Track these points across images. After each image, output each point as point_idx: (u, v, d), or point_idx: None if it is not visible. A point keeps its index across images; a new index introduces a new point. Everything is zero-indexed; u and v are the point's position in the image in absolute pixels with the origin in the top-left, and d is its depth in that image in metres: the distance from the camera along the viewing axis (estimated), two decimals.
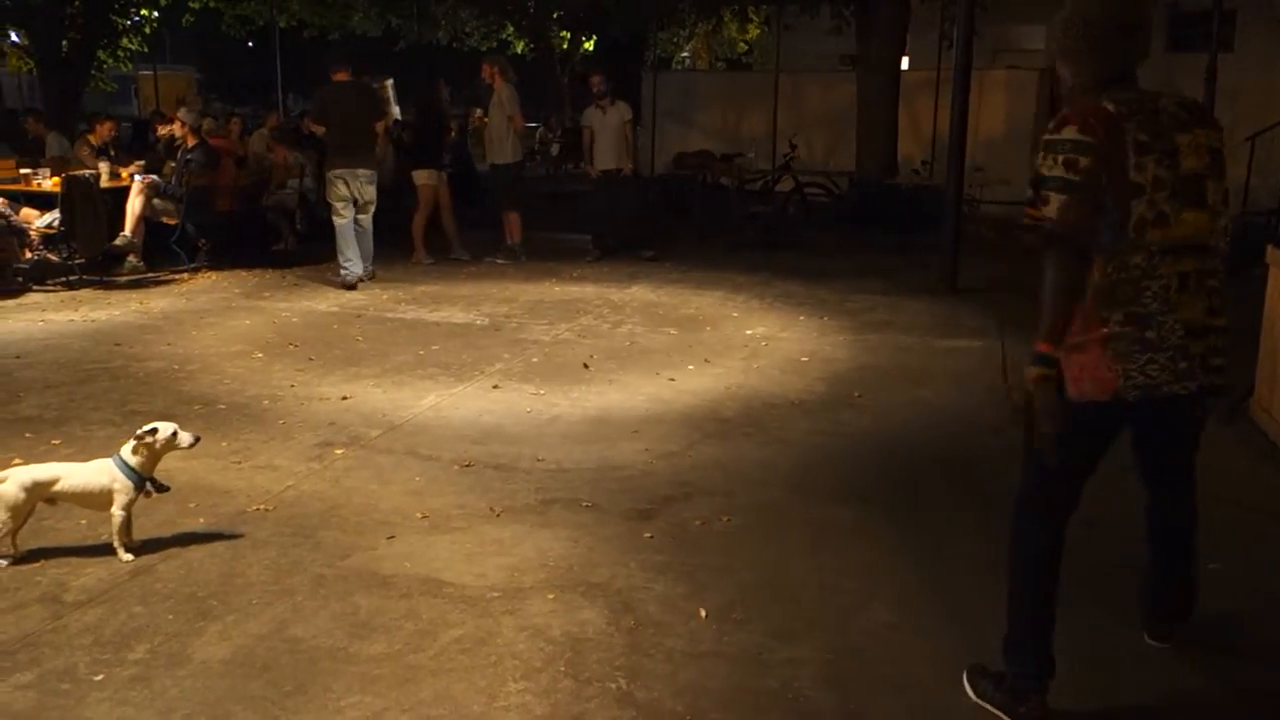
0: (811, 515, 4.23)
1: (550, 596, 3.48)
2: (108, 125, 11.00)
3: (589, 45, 24.68)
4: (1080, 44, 2.78)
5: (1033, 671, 2.84)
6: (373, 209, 9.17)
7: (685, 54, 28.64)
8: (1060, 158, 2.64)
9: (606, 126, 10.31)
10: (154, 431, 3.72)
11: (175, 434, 3.74)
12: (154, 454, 3.74)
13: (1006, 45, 17.51)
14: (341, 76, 9.18)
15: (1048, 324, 2.64)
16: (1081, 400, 2.68)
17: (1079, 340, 2.67)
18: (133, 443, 3.71)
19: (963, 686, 2.98)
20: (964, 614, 3.43)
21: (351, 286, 8.87)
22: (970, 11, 8.69)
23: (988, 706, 2.90)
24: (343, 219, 9.00)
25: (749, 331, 7.45)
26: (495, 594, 3.49)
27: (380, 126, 9.44)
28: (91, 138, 10.65)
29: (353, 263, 8.95)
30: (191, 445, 3.79)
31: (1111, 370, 2.64)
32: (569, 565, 3.72)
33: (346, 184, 8.99)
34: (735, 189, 13.59)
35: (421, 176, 10.24)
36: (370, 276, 9.19)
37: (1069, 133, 2.64)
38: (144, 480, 3.71)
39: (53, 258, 8.89)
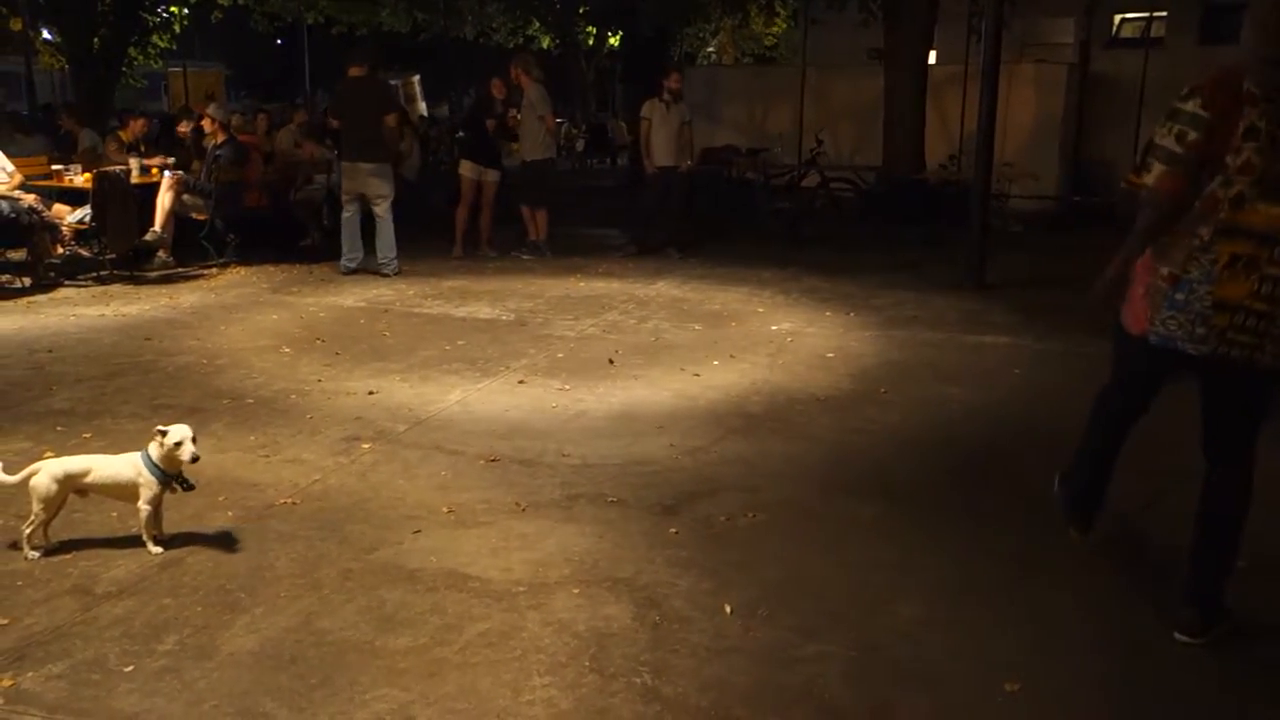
0: (837, 512, 4.21)
1: (575, 591, 3.48)
2: (139, 122, 11.12)
3: (614, 40, 24.66)
4: (1260, 15, 2.90)
5: (1077, 508, 3.58)
6: (384, 203, 9.24)
7: (711, 49, 28.59)
8: (1175, 128, 2.88)
9: (667, 123, 10.32)
10: (164, 433, 3.68)
11: (180, 444, 3.64)
12: (168, 454, 3.68)
13: (1035, 39, 17.38)
14: (356, 72, 9.34)
15: (1122, 256, 3.01)
16: (1128, 331, 3.16)
17: (1136, 280, 3.08)
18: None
19: (989, 686, 2.97)
20: (991, 611, 3.40)
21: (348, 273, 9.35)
22: (999, 5, 8.62)
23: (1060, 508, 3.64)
24: (346, 212, 9.39)
25: (774, 327, 7.43)
26: (520, 589, 3.50)
27: (391, 120, 9.49)
28: (123, 134, 10.74)
29: (347, 257, 9.36)
30: (190, 461, 3.66)
31: (1144, 312, 3.06)
32: (594, 560, 3.72)
33: (350, 177, 9.25)
34: (761, 184, 13.55)
35: (461, 167, 10.51)
36: (394, 271, 9.24)
37: (1192, 105, 2.86)
38: (168, 477, 3.70)
39: (84, 253, 8.98)
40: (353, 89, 9.33)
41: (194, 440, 3.69)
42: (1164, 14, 15.72)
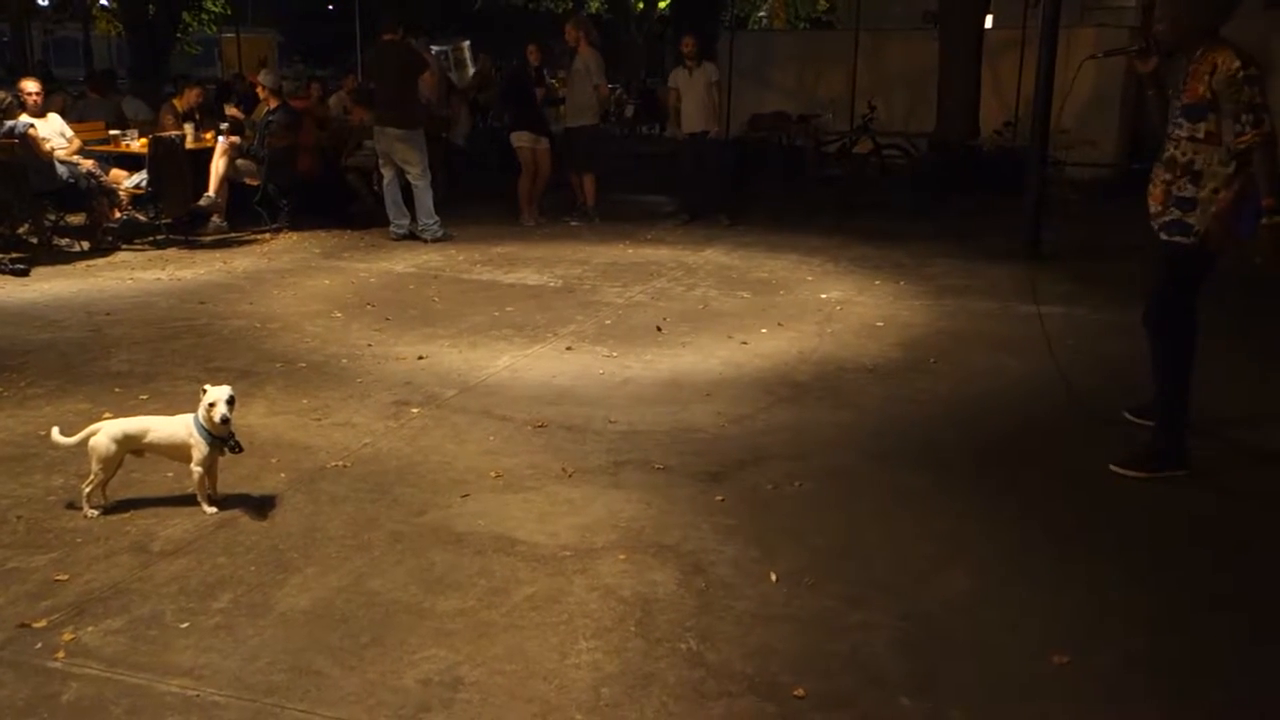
0: (885, 481, 4.19)
1: (621, 557, 3.50)
2: (194, 92, 11.24)
3: (664, 4, 24.46)
4: (1216, 1, 3.97)
5: (1183, 439, 4.22)
6: (414, 169, 9.24)
7: (762, 14, 28.27)
8: (1256, 89, 3.79)
9: (693, 88, 10.17)
10: (205, 391, 3.73)
11: (213, 405, 3.68)
12: (207, 414, 3.70)
13: (1096, 2, 16.95)
14: (389, 37, 9.33)
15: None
16: (1212, 249, 4.02)
17: (1221, 212, 3.93)
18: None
19: (1038, 658, 2.94)
20: (1040, 584, 3.37)
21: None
22: None
23: (1165, 474, 4.13)
24: (385, 178, 9.43)
25: (823, 295, 7.38)
26: (567, 553, 3.52)
27: (428, 78, 9.49)
28: (177, 102, 10.87)
29: (394, 224, 9.41)
30: (219, 421, 3.68)
31: (1236, 230, 3.95)
32: (640, 526, 3.74)
33: (380, 141, 9.31)
34: (812, 150, 13.41)
35: (516, 139, 10.37)
36: (435, 237, 9.25)
37: (1253, 70, 3.80)
38: (216, 439, 3.73)
39: (140, 217, 9.12)
40: (381, 53, 9.41)
41: (230, 401, 3.70)
42: None
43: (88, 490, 3.75)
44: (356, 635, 3.01)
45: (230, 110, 11.37)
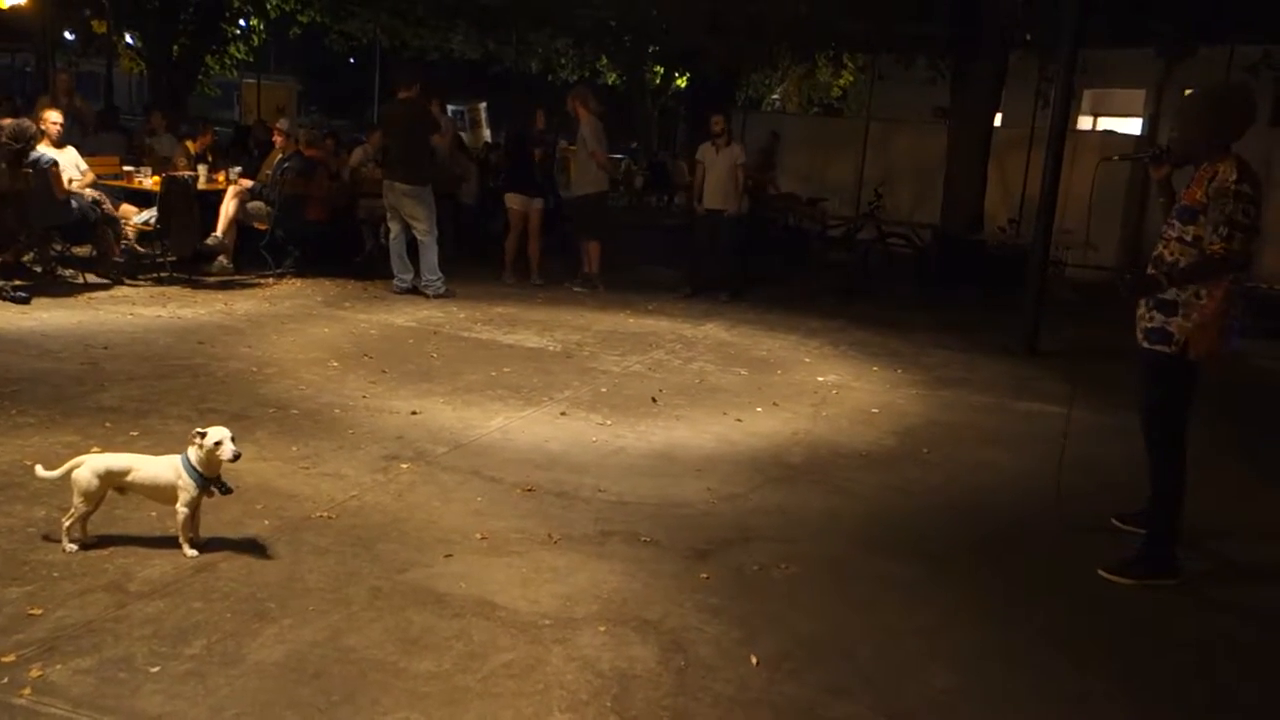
0: (873, 570, 4.16)
1: (602, 629, 3.46)
2: (206, 135, 11.37)
3: (682, 81, 24.85)
4: (1229, 119, 4.08)
5: (1174, 548, 4.20)
6: (421, 225, 9.30)
7: (775, 96, 28.71)
8: (1242, 206, 3.88)
9: (717, 166, 10.29)
10: (203, 435, 3.72)
11: (219, 444, 3.69)
12: (208, 456, 3.71)
13: (1104, 108, 17.27)
14: (405, 94, 9.45)
15: (1181, 282, 4.03)
16: (1195, 358, 4.02)
17: (1206, 321, 3.96)
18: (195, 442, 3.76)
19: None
20: (1024, 685, 3.34)
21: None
22: (1070, 71, 8.58)
23: (1154, 582, 4.12)
24: (391, 233, 9.54)
25: (820, 378, 7.39)
26: (547, 622, 3.48)
27: (439, 140, 9.62)
28: (190, 145, 10.97)
29: (398, 278, 9.48)
30: (231, 459, 3.71)
31: (1219, 339, 3.98)
32: (623, 599, 3.70)
33: (388, 195, 9.39)
34: (817, 234, 13.52)
35: (509, 200, 10.48)
36: (438, 293, 9.28)
37: (1246, 188, 3.89)
38: (207, 481, 3.74)
39: (140, 249, 9.13)
40: (396, 110, 9.54)
41: (232, 439, 3.73)
42: None
43: (68, 524, 3.71)
44: (328, 692, 2.96)
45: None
